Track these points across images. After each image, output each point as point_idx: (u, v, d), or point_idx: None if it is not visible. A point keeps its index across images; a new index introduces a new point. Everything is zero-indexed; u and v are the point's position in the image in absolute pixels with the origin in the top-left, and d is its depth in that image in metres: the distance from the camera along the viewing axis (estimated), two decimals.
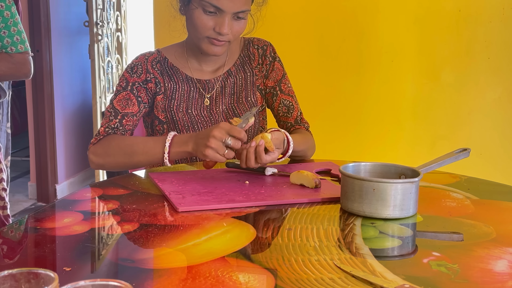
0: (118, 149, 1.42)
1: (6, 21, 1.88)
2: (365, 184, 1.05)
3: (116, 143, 1.43)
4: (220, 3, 1.40)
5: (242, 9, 1.43)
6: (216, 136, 1.24)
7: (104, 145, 1.44)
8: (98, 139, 1.47)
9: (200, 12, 1.43)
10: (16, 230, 1.03)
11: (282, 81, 1.63)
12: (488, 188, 1.33)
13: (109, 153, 1.43)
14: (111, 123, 1.48)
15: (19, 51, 1.91)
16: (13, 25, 1.90)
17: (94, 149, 1.45)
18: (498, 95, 2.48)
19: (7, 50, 1.90)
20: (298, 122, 1.63)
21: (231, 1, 1.40)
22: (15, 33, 1.91)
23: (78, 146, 4.23)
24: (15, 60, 1.91)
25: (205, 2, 1.41)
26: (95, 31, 3.72)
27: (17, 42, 1.91)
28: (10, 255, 0.91)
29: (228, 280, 0.78)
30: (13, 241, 0.97)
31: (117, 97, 1.51)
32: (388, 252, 0.93)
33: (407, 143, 2.64)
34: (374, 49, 2.61)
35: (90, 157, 1.47)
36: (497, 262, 0.87)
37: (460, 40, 2.50)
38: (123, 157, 1.41)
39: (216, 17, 1.42)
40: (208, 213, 1.08)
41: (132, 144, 1.41)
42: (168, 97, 1.54)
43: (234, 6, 1.41)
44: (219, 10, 1.41)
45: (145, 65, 1.54)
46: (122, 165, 1.44)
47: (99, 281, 0.58)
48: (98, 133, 1.48)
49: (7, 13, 1.89)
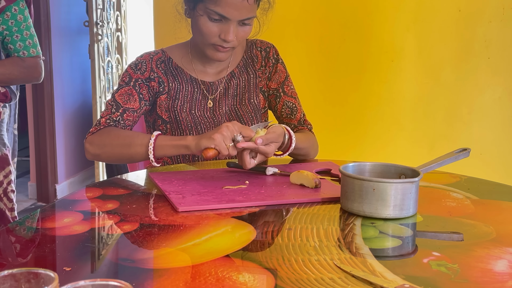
0: (116, 139, 1.40)
1: (19, 25, 1.89)
2: (365, 184, 1.05)
3: (115, 134, 1.42)
4: (226, 11, 1.39)
5: (248, 16, 1.42)
6: (229, 127, 1.25)
7: (103, 136, 1.43)
8: (97, 128, 1.45)
9: (206, 19, 1.43)
10: (16, 230, 1.03)
11: (285, 83, 1.63)
12: (488, 188, 1.33)
13: (106, 143, 1.41)
14: (113, 116, 1.47)
15: (31, 55, 1.93)
16: (25, 29, 1.91)
17: (91, 139, 1.44)
18: (498, 95, 2.48)
19: (19, 54, 1.91)
20: (302, 123, 1.63)
21: (237, 9, 1.39)
22: (28, 37, 1.92)
23: (78, 146, 4.23)
24: (27, 64, 1.92)
25: (210, 10, 1.40)
26: (95, 31, 3.72)
27: (29, 46, 1.92)
28: (10, 255, 0.91)
29: (228, 280, 0.78)
30: (13, 241, 0.97)
31: (119, 91, 1.51)
32: (388, 252, 0.93)
33: (407, 143, 2.64)
34: (374, 49, 2.61)
35: (86, 146, 1.44)
36: (497, 262, 0.87)
37: (460, 40, 2.50)
38: (120, 147, 1.39)
39: (222, 24, 1.42)
40: (208, 213, 1.08)
41: (131, 136, 1.40)
42: (172, 97, 1.54)
43: (240, 14, 1.41)
44: (225, 18, 1.41)
45: (150, 64, 1.54)
46: (119, 155, 1.41)
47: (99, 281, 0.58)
48: (99, 123, 1.46)
49: (20, 16, 1.90)
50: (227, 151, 1.24)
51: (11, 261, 0.88)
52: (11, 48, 1.90)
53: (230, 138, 1.25)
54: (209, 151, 1.24)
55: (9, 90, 1.93)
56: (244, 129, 1.26)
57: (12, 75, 1.88)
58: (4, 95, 1.91)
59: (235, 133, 1.25)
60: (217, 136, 1.24)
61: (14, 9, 1.88)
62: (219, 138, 1.24)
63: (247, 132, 1.26)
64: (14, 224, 1.05)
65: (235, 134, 1.25)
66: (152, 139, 1.35)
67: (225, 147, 1.24)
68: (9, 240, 0.98)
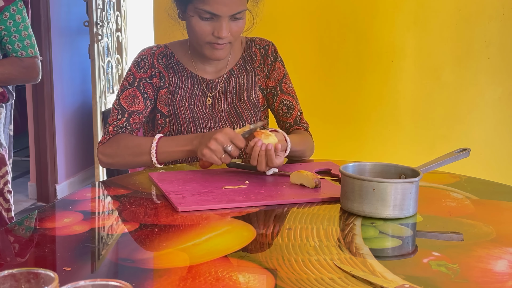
0: (126, 150, 1.44)
1: (17, 25, 1.90)
2: (365, 184, 1.05)
3: (124, 144, 1.45)
4: (215, 8, 1.40)
5: (238, 10, 1.43)
6: (218, 140, 1.27)
7: (113, 145, 1.47)
8: (107, 138, 1.49)
9: (197, 19, 1.44)
10: (16, 231, 1.03)
11: (283, 81, 1.63)
12: (488, 188, 1.33)
13: (118, 154, 1.45)
14: (119, 122, 1.50)
15: (29, 55, 1.93)
16: (23, 29, 1.92)
17: (103, 149, 1.48)
18: (498, 95, 2.48)
19: (17, 54, 1.91)
20: (298, 122, 1.63)
21: (226, 5, 1.40)
22: (26, 37, 1.92)
23: (78, 146, 4.22)
24: (25, 65, 1.92)
25: (200, 9, 1.42)
26: (95, 31, 3.72)
27: (27, 46, 1.93)
28: (10, 255, 0.91)
29: (228, 280, 0.78)
30: (13, 241, 0.97)
31: (123, 93, 1.53)
32: (388, 252, 0.93)
33: (407, 143, 2.64)
34: (374, 49, 2.60)
35: (99, 157, 1.50)
36: (497, 262, 0.87)
37: (460, 40, 2.50)
38: (131, 157, 1.44)
39: (213, 22, 1.43)
40: (208, 213, 1.08)
41: (140, 144, 1.43)
42: (172, 91, 1.55)
43: (229, 9, 1.41)
44: (215, 15, 1.41)
45: (151, 59, 1.55)
46: (130, 164, 1.47)
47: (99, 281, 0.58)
48: (108, 132, 1.50)
49: (18, 17, 1.90)
50: (220, 162, 1.28)
51: (10, 261, 0.88)
52: (9, 48, 1.90)
53: (221, 151, 1.27)
54: (204, 163, 1.32)
55: (7, 90, 1.93)
56: (235, 138, 1.28)
57: (11, 75, 1.89)
58: (2, 95, 1.91)
59: (226, 143, 1.27)
60: (206, 152, 1.28)
61: (13, 9, 1.88)
62: (208, 154, 1.28)
63: (238, 142, 1.27)
64: (14, 224, 1.05)
65: (225, 145, 1.27)
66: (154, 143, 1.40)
67: (217, 160, 1.28)
68: (8, 240, 0.98)
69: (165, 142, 1.41)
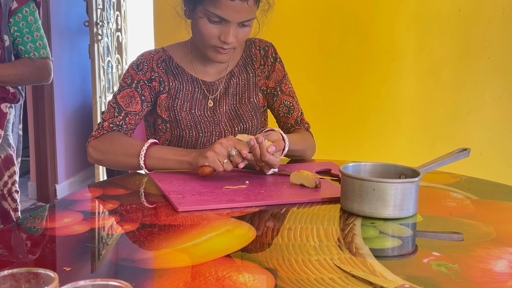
0: (120, 148, 1.41)
1: (30, 26, 1.91)
2: (365, 184, 1.05)
3: (118, 142, 1.42)
4: (225, 14, 1.39)
5: (248, 18, 1.42)
6: (223, 143, 1.27)
7: (106, 142, 1.43)
8: (100, 133, 1.46)
9: (205, 21, 1.42)
10: (16, 230, 1.03)
11: (283, 82, 1.63)
12: (488, 188, 1.33)
13: (110, 151, 1.42)
14: (115, 120, 1.47)
15: (41, 56, 1.95)
16: (36, 30, 1.93)
17: (95, 144, 1.45)
18: (498, 95, 2.48)
19: (30, 55, 1.93)
20: (298, 122, 1.63)
21: (236, 11, 1.39)
22: (38, 38, 1.94)
23: (78, 146, 4.23)
24: (37, 65, 1.94)
25: (210, 12, 1.40)
26: (95, 31, 3.72)
27: (40, 47, 1.94)
28: (10, 255, 0.91)
29: (228, 280, 0.78)
30: (13, 241, 0.97)
31: (121, 93, 1.51)
32: (388, 252, 0.93)
33: (407, 143, 2.64)
34: (374, 49, 2.61)
35: (89, 151, 1.46)
36: (497, 262, 0.87)
37: (460, 40, 2.50)
38: (123, 156, 1.40)
39: (221, 26, 1.42)
40: (208, 213, 1.08)
41: (135, 145, 1.39)
42: (172, 96, 1.54)
43: (240, 16, 1.40)
44: (224, 20, 1.40)
45: (151, 63, 1.54)
46: (121, 164, 1.42)
47: (99, 281, 0.58)
48: (102, 128, 1.47)
49: (31, 18, 1.91)
50: (222, 168, 1.26)
51: (10, 261, 0.88)
52: (21, 49, 1.92)
53: (225, 155, 1.26)
54: (205, 169, 1.27)
55: (17, 90, 1.94)
56: (239, 144, 1.28)
57: (23, 76, 1.90)
58: (13, 95, 1.92)
59: (230, 148, 1.26)
60: (210, 154, 1.26)
61: (25, 10, 1.90)
62: (212, 156, 1.26)
63: (242, 147, 1.27)
64: (14, 224, 1.05)
65: (230, 149, 1.26)
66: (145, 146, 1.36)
67: (219, 164, 1.26)
68: (9, 240, 0.98)
69: (160, 148, 1.38)
